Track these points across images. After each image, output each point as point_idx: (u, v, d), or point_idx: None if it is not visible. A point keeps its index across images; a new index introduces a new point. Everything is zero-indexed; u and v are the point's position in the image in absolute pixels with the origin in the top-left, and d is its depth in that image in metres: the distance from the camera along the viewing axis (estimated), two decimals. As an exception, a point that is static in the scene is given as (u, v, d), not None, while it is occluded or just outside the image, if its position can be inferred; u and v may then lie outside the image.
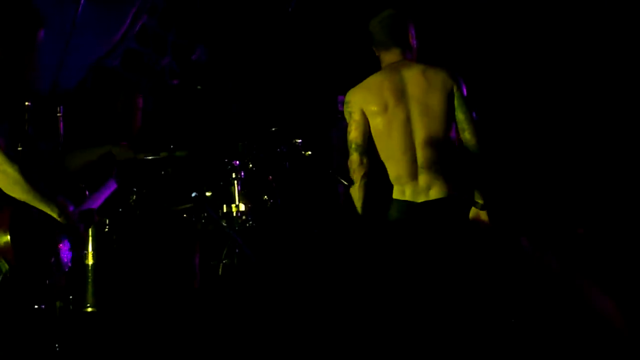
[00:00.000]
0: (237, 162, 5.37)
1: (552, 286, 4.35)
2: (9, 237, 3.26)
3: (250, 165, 5.46)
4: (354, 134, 4.15)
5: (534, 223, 5.14)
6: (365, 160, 4.13)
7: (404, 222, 4.05)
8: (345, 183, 5.94)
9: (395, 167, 4.11)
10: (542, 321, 4.31)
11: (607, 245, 4.77)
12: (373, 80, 4.18)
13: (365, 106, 4.12)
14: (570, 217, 5.30)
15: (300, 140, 5.74)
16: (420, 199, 4.03)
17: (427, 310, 3.94)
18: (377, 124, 4.10)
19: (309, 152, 5.76)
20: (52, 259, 3.47)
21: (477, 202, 4.10)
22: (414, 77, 4.10)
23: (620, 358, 3.80)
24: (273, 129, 5.74)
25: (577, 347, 3.95)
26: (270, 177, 5.52)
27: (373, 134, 4.13)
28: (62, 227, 3.47)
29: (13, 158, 3.26)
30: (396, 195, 4.11)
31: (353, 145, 4.15)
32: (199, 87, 6.39)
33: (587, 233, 4.79)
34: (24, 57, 3.53)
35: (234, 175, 5.34)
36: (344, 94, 4.22)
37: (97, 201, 4.02)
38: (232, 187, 5.32)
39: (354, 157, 4.14)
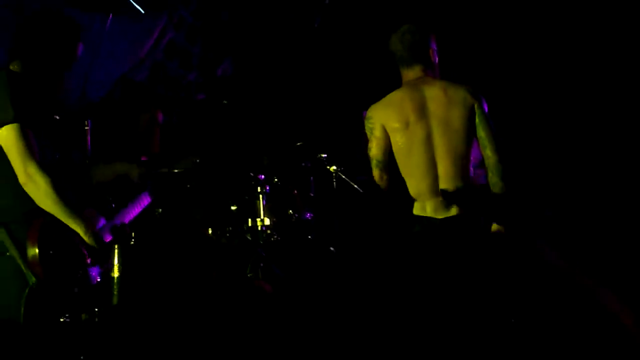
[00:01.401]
0: (263, 176, 5.39)
1: (556, 284, 4.34)
2: (37, 250, 3.28)
3: (276, 180, 5.47)
4: (374, 151, 4.15)
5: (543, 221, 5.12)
6: (385, 177, 4.13)
7: (425, 238, 4.04)
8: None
9: (416, 184, 4.10)
10: (542, 321, 4.31)
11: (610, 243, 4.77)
12: (394, 97, 4.17)
13: (387, 122, 4.12)
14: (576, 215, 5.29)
15: (325, 155, 5.76)
16: (441, 215, 4.02)
17: (449, 325, 3.93)
18: (397, 140, 4.10)
19: (334, 167, 5.77)
20: (80, 272, 3.49)
21: (500, 219, 4.09)
22: (435, 94, 4.09)
23: (621, 357, 3.78)
24: (298, 144, 5.75)
25: (578, 347, 3.93)
26: (296, 191, 5.53)
27: (394, 150, 4.13)
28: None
29: (46, 170, 3.30)
30: (417, 211, 4.11)
31: (374, 161, 4.15)
32: (224, 101, 6.41)
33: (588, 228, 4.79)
34: (62, 70, 3.58)
35: (259, 190, 5.35)
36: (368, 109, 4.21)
37: (130, 214, 4.03)
38: (257, 201, 5.33)
39: (376, 173, 4.14)
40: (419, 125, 4.05)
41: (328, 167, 5.78)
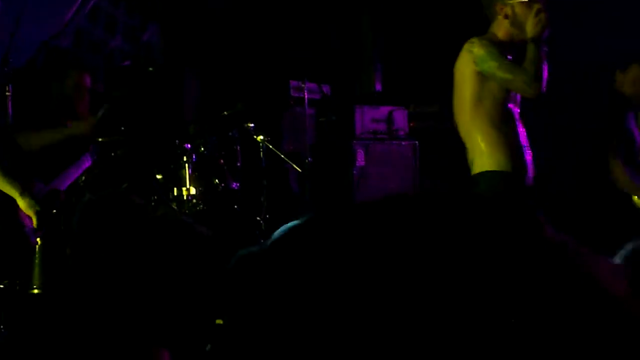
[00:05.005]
0: (189, 145, 5.35)
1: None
2: None
3: (202, 149, 5.44)
4: None
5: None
6: None
7: None
8: (299, 169, 5.96)
9: None
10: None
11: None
12: None
13: None
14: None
15: (252, 125, 5.74)
16: None
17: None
18: None
19: (261, 137, 5.76)
20: (17, 237, 3.44)
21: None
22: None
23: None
24: (225, 113, 5.72)
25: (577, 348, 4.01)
26: (222, 160, 5.51)
27: None
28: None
29: None
30: None
31: None
32: (150, 68, 6.32)
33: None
34: None
35: (185, 159, 5.31)
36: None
37: (69, 179, 3.97)
38: (183, 170, 5.30)
39: None
40: None
41: (255, 136, 5.78)
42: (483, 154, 3.81)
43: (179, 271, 4.00)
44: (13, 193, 3.36)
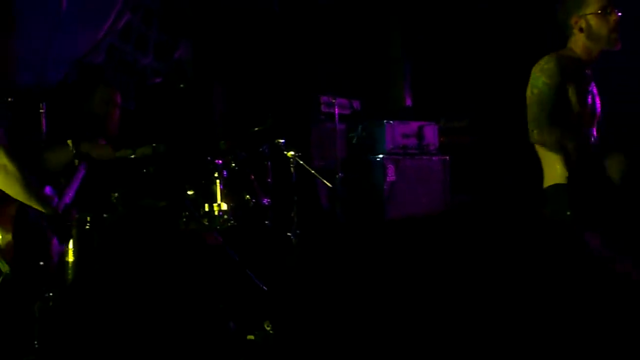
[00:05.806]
0: (220, 161, 5.37)
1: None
2: (11, 236, 3.24)
3: (233, 165, 5.46)
4: None
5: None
6: None
7: None
8: (329, 185, 5.96)
9: None
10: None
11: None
12: None
13: None
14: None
15: (283, 140, 5.76)
16: None
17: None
18: None
19: (292, 152, 5.78)
20: (51, 259, 3.46)
21: None
22: None
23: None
24: (256, 129, 5.74)
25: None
26: (253, 176, 5.52)
27: None
28: (51, 224, 3.46)
29: (13, 154, 3.25)
30: None
31: None
32: (181, 85, 6.36)
33: None
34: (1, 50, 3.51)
35: (216, 175, 5.34)
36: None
37: (72, 191, 4.00)
38: (214, 186, 5.32)
39: None
40: None
41: (285, 152, 5.79)
42: (551, 168, 3.92)
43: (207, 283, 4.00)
44: (44, 210, 3.38)
